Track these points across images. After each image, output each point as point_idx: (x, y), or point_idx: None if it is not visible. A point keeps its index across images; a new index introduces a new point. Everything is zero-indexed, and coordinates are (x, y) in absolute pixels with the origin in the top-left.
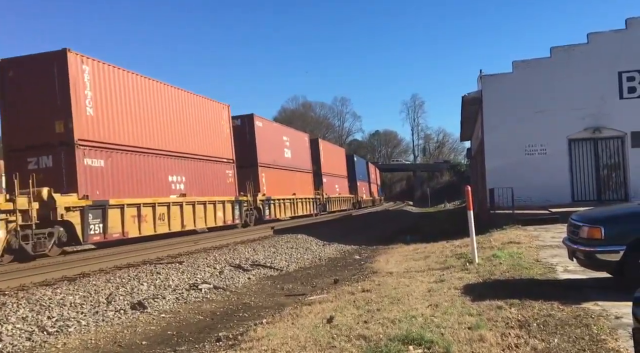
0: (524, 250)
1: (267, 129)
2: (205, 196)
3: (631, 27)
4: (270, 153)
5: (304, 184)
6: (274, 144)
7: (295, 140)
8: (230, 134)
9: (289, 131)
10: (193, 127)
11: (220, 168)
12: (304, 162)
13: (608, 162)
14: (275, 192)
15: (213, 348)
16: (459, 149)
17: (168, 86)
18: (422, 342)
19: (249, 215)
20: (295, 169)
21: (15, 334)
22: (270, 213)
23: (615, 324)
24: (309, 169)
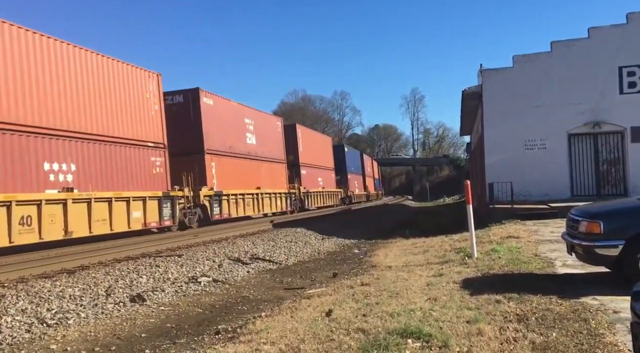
0: (523, 244)
1: (219, 108)
2: (112, 191)
3: (632, 22)
4: (223, 138)
5: (275, 177)
6: (231, 127)
7: (262, 124)
8: (161, 111)
9: (253, 113)
10: (96, 99)
11: (142, 154)
12: (275, 150)
13: (607, 157)
14: (230, 185)
15: (212, 341)
16: (459, 144)
17: (58, 42)
18: (420, 336)
19: (188, 214)
20: (262, 158)
21: (14, 326)
22: (221, 211)
23: (614, 318)
24: (282, 158)
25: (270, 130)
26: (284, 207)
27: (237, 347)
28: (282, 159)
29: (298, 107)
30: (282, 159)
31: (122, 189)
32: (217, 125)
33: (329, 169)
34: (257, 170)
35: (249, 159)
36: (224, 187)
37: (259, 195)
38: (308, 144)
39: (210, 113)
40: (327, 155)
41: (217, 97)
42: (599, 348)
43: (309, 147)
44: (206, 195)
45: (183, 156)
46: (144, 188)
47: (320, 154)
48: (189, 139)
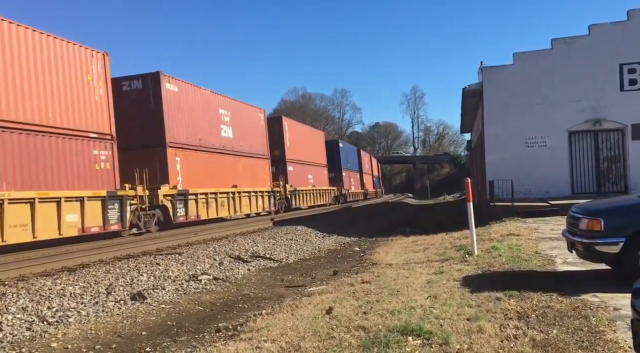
0: (523, 242)
1: (186, 96)
2: (36, 191)
3: (632, 19)
4: (192, 130)
5: (256, 173)
6: (201, 117)
7: (240, 116)
8: (108, 97)
9: (230, 103)
10: (18, 81)
11: (80, 147)
12: (257, 144)
13: (608, 155)
14: (200, 183)
15: (213, 339)
16: (459, 141)
17: None
18: (421, 333)
19: (144, 217)
20: (240, 153)
21: (15, 324)
22: (187, 213)
23: (614, 316)
24: (265, 154)
25: (251, 123)
26: (266, 207)
27: (238, 344)
28: (265, 154)
29: (298, 105)
30: (264, 154)
31: (52, 188)
32: (184, 115)
33: (320, 165)
34: (233, 166)
35: (224, 154)
36: (192, 185)
37: (235, 194)
38: (296, 138)
39: (175, 101)
40: (319, 151)
41: (184, 83)
42: (599, 345)
43: (297, 141)
44: (167, 195)
45: (141, 150)
46: (84, 187)
47: (310, 149)
48: (149, 130)
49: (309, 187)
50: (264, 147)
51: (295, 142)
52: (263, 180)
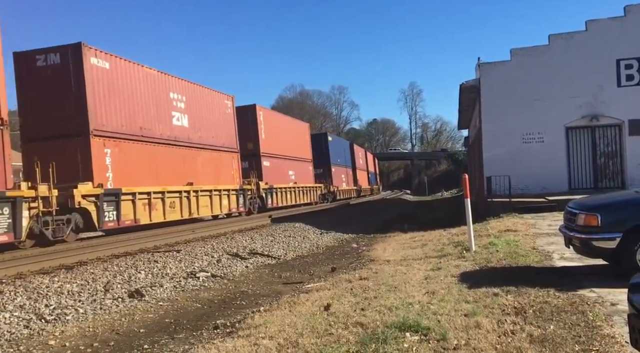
0: (521, 238)
1: (122, 75)
2: None
3: (630, 14)
4: (129, 116)
5: (220, 169)
6: (142, 101)
7: (199, 102)
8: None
9: (185, 86)
10: None
11: None
12: (222, 136)
13: (605, 150)
14: (140, 181)
15: (211, 336)
16: (457, 138)
17: None
18: (418, 329)
19: (53, 223)
20: (199, 145)
21: (13, 322)
22: (118, 217)
23: (611, 311)
24: (233, 147)
25: (215, 111)
26: (233, 207)
27: (236, 341)
28: (233, 147)
29: (296, 102)
30: (232, 147)
31: None
32: (118, 98)
33: (304, 160)
34: (190, 160)
35: (176, 146)
36: (128, 183)
37: (190, 193)
38: (274, 130)
39: (104, 80)
40: (303, 145)
41: (120, 59)
42: (596, 340)
43: (276, 133)
44: (89, 195)
45: (59, 140)
46: None
47: (292, 142)
48: (68, 115)
49: (290, 184)
50: (232, 139)
51: (273, 134)
52: (230, 177)
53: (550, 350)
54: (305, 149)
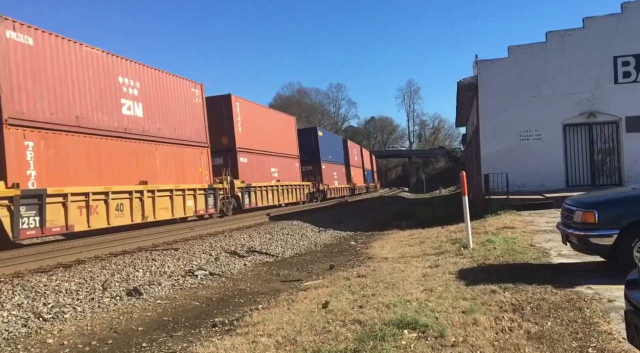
0: (518, 235)
1: (51, 53)
2: None
3: (627, 11)
4: (62, 102)
5: (185, 166)
6: (81, 85)
7: (157, 89)
8: None
9: (137, 70)
10: None
11: None
12: (186, 128)
13: (602, 147)
14: (78, 180)
15: (209, 334)
16: (455, 135)
17: None
18: (416, 326)
19: None
20: (157, 138)
21: (10, 321)
22: (42, 223)
23: (608, 307)
24: (201, 141)
25: (178, 100)
26: (201, 208)
27: (234, 339)
28: (202, 142)
29: (294, 100)
30: (201, 142)
31: None
32: (45, 80)
33: (290, 156)
34: (145, 156)
35: (126, 139)
36: (60, 183)
37: (144, 194)
38: (253, 123)
39: (26, 59)
40: (288, 140)
41: (47, 34)
42: (593, 336)
43: (255, 127)
44: None
45: None
46: None
47: (275, 137)
48: None
49: (272, 182)
50: (201, 132)
51: (252, 128)
52: (198, 175)
53: (548, 346)
54: (291, 145)
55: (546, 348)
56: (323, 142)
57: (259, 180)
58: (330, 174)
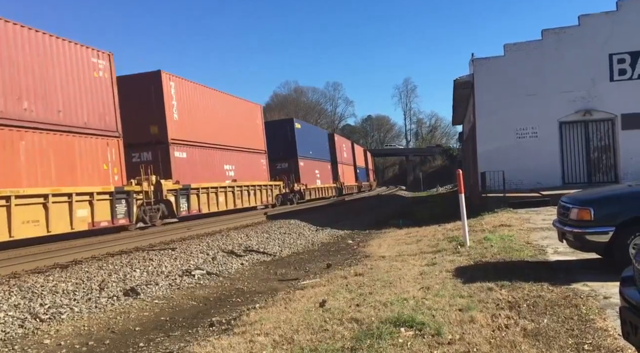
0: (515, 232)
1: None
2: None
3: (622, 9)
4: None
5: (79, 162)
6: None
7: (25, 55)
8: None
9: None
10: None
11: None
12: (81, 112)
13: (598, 145)
14: None
15: (206, 334)
16: (451, 133)
17: None
18: (413, 324)
19: None
20: (21, 123)
21: (7, 322)
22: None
23: (604, 304)
24: (106, 128)
25: (68, 73)
26: (102, 218)
27: (231, 338)
28: (109, 130)
29: (291, 99)
30: (107, 129)
31: None
32: None
33: (253, 151)
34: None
35: None
36: None
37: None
38: (197, 109)
39: None
40: (251, 132)
41: None
42: (589, 333)
43: (200, 114)
44: None
45: None
46: None
47: (231, 127)
48: None
49: (225, 182)
50: (107, 117)
51: (194, 115)
52: (100, 175)
53: (544, 343)
54: (255, 137)
55: (542, 345)
56: (301, 136)
57: (205, 180)
58: (311, 171)
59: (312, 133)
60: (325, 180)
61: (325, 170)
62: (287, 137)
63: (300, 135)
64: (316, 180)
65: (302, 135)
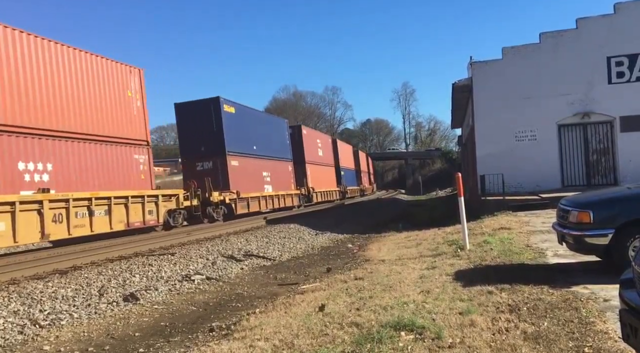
0: (515, 235)
1: None
2: None
3: (620, 12)
4: None
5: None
6: None
7: None
8: None
9: None
10: None
11: None
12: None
13: (597, 147)
14: None
15: (206, 339)
16: (450, 137)
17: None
18: (413, 328)
19: None
20: None
21: (7, 328)
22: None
23: (604, 306)
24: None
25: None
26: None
27: (231, 343)
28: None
29: (290, 103)
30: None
31: None
32: None
33: (123, 141)
34: None
35: None
36: None
37: None
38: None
39: None
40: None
41: None
42: (589, 336)
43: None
44: None
45: None
46: None
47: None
48: None
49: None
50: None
51: None
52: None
53: (544, 347)
54: (126, 123)
55: (543, 348)
56: (234, 123)
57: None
58: (243, 175)
59: (264, 121)
60: (287, 185)
61: (285, 172)
62: (211, 126)
63: (230, 122)
64: (264, 186)
65: (235, 122)
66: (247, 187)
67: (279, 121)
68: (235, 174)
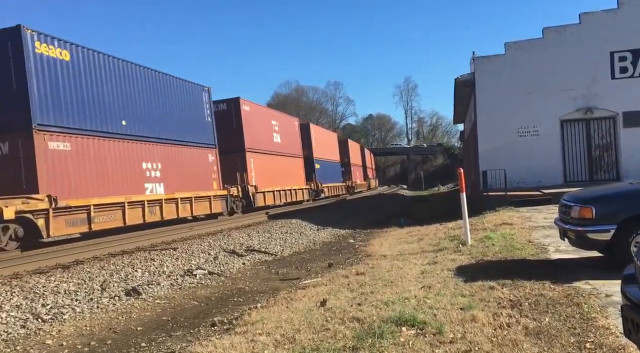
0: (517, 231)
1: None
2: None
3: (623, 7)
4: None
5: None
6: None
7: None
8: None
9: None
10: None
11: None
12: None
13: (600, 143)
14: None
15: (208, 333)
16: (452, 132)
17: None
18: (415, 323)
19: None
20: None
21: (9, 322)
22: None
23: (606, 302)
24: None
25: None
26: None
27: (233, 338)
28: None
29: (292, 98)
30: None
31: None
32: None
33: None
34: None
35: None
36: None
37: None
38: None
39: None
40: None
41: None
42: (591, 331)
43: None
44: None
45: None
46: None
47: None
48: None
49: None
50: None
51: None
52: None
53: (546, 342)
54: None
55: (544, 343)
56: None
57: None
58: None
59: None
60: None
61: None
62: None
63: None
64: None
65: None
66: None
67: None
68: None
